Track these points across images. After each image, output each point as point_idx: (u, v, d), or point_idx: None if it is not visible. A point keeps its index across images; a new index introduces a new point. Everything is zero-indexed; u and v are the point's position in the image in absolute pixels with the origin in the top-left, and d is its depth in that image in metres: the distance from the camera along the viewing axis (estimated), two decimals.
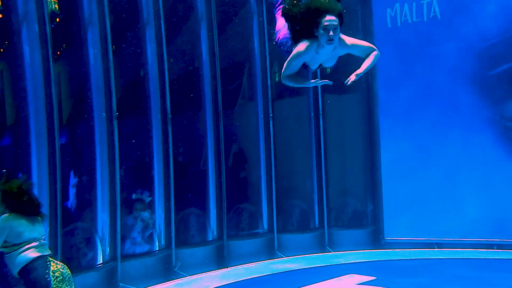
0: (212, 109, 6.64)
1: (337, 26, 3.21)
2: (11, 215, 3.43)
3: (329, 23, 3.18)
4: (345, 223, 7.38)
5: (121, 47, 6.01)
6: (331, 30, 3.19)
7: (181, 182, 6.41)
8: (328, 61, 3.47)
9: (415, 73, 6.97)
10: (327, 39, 3.22)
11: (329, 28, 3.19)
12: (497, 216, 6.62)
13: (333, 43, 3.27)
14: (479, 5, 6.63)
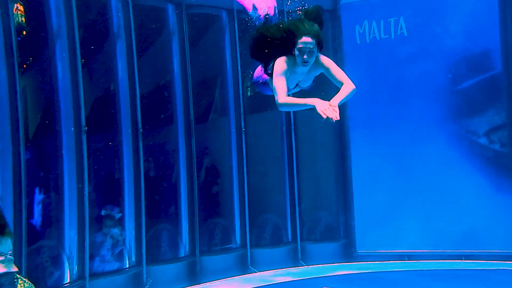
0: (184, 123, 6.52)
1: (312, 49, 3.11)
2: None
3: (303, 46, 3.10)
4: (318, 236, 7.33)
5: (91, 61, 5.86)
6: (306, 53, 3.11)
7: (152, 197, 6.24)
8: (304, 81, 3.38)
9: (384, 88, 7.05)
10: (302, 61, 3.14)
11: (304, 50, 3.11)
12: (464, 227, 6.70)
13: (307, 65, 3.18)
14: (442, 25, 6.79)
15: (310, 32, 3.13)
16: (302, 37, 3.12)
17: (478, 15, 6.68)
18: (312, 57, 3.15)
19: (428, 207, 6.81)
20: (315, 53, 3.16)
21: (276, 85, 3.12)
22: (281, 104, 3.08)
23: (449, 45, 6.78)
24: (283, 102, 3.07)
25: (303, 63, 3.15)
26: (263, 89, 3.66)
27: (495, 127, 6.69)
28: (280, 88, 3.12)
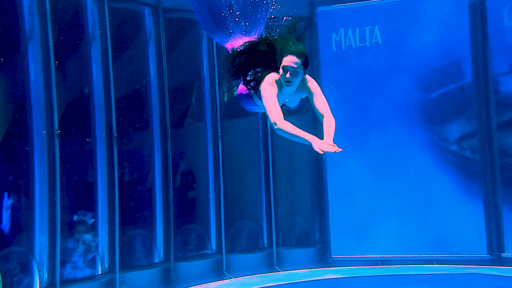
0: (159, 127, 6.42)
1: (296, 69, 2.97)
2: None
3: (288, 65, 2.98)
4: (293, 242, 7.31)
5: (65, 63, 5.72)
6: (290, 72, 2.98)
7: (126, 202, 6.11)
8: (291, 101, 3.24)
9: (359, 95, 7.11)
10: (285, 80, 3.02)
11: (288, 69, 2.98)
12: (436, 233, 6.79)
13: (290, 85, 3.03)
14: (415, 35, 6.88)
15: (296, 52, 2.99)
16: (287, 55, 2.99)
17: (450, 26, 6.81)
18: (296, 77, 3.01)
19: (401, 213, 6.87)
20: (300, 74, 3.02)
21: (270, 109, 2.97)
22: (278, 129, 2.93)
23: (422, 54, 6.88)
24: (281, 128, 2.91)
25: (286, 82, 3.02)
26: (249, 106, 3.51)
27: (466, 135, 6.82)
28: (275, 109, 2.96)
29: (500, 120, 6.62)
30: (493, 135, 6.65)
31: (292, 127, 2.90)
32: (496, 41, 6.59)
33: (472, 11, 6.71)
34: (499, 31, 6.54)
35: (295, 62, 2.98)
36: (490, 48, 6.64)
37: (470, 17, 6.72)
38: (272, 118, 2.94)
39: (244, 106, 3.60)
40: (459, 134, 6.82)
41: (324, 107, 3.08)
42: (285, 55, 2.99)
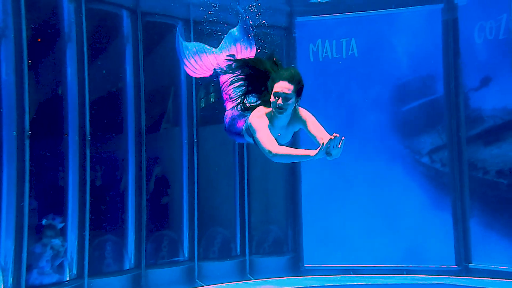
0: (134, 131, 6.30)
1: (288, 96, 2.83)
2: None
3: (280, 91, 2.83)
4: (266, 250, 7.25)
5: (39, 63, 5.55)
6: (282, 98, 2.83)
7: (98, 207, 5.94)
8: (283, 136, 3.07)
9: (335, 106, 7.15)
10: (275, 106, 2.85)
11: (279, 95, 2.83)
12: (407, 243, 6.85)
13: (282, 112, 2.87)
14: (389, 49, 6.99)
15: (288, 77, 2.85)
16: (280, 81, 2.85)
17: (423, 41, 6.95)
18: (288, 105, 2.85)
19: (373, 223, 6.91)
20: (293, 101, 2.86)
21: (263, 139, 2.80)
22: (274, 155, 2.74)
23: (396, 68, 6.99)
24: (277, 153, 2.73)
25: (278, 109, 2.85)
26: (237, 138, 3.36)
27: (437, 148, 6.94)
28: (268, 139, 2.79)
29: (469, 134, 6.76)
30: (463, 148, 6.78)
31: (287, 149, 2.75)
32: (467, 57, 6.74)
33: (445, 27, 6.87)
34: (470, 47, 6.70)
35: (287, 88, 2.84)
36: (462, 64, 6.79)
37: (443, 33, 6.87)
38: (266, 147, 2.77)
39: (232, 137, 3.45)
40: (431, 147, 6.94)
41: (322, 131, 2.91)
42: (277, 81, 2.86)
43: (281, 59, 7.22)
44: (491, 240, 6.49)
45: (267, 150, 2.77)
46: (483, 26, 6.54)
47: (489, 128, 6.58)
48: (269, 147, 2.77)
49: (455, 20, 6.82)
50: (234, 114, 3.28)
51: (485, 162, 6.58)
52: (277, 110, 2.88)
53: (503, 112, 6.41)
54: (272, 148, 2.76)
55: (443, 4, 6.87)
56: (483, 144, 6.61)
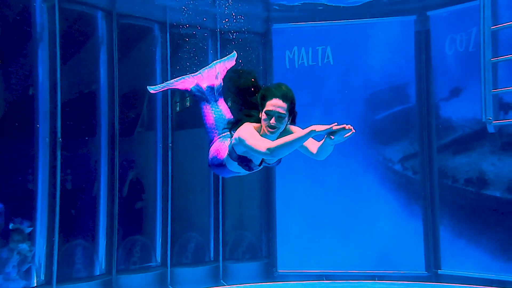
0: (107, 135, 6.14)
1: (282, 114, 2.66)
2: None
3: (272, 110, 2.65)
4: (240, 256, 7.17)
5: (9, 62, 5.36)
6: (275, 118, 2.65)
7: (68, 211, 5.75)
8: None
9: (309, 113, 7.15)
10: (267, 125, 2.67)
11: (272, 114, 2.65)
12: (378, 249, 6.89)
13: (274, 132, 2.68)
14: (363, 58, 7.05)
15: (283, 95, 2.67)
16: (273, 99, 2.66)
17: (396, 51, 7.03)
18: (281, 124, 2.67)
19: (346, 229, 6.92)
20: (286, 121, 2.69)
21: (253, 141, 2.58)
22: (273, 150, 2.50)
23: (370, 77, 7.05)
24: (274, 147, 2.50)
25: (270, 129, 2.66)
26: (221, 171, 3.12)
27: (409, 156, 7.01)
28: (261, 139, 2.58)
29: (440, 143, 6.85)
30: (433, 156, 6.87)
31: (283, 138, 2.54)
32: (438, 68, 6.86)
33: (417, 39, 6.97)
34: (441, 59, 6.82)
35: (282, 107, 2.66)
36: (433, 75, 6.90)
37: (415, 44, 6.97)
38: (262, 147, 2.54)
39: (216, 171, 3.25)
40: (402, 155, 7.01)
41: (314, 142, 2.77)
42: (269, 99, 2.67)
43: (257, 65, 7.25)
44: (460, 247, 6.58)
45: (264, 149, 2.54)
46: (454, 38, 6.66)
47: (459, 138, 6.69)
48: (265, 145, 2.54)
49: (427, 32, 6.94)
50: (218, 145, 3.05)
51: (454, 171, 6.68)
52: (269, 130, 2.68)
53: (472, 122, 6.53)
54: (268, 144, 2.54)
55: (416, 16, 6.97)
56: (452, 153, 6.71)
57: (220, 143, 3.08)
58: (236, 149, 2.82)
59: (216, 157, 3.02)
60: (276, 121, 2.67)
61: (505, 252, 6.21)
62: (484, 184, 6.37)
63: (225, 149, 2.97)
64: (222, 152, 2.98)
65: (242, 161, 2.84)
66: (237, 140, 2.74)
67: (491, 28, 5.61)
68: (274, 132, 2.70)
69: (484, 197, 6.37)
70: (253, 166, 2.86)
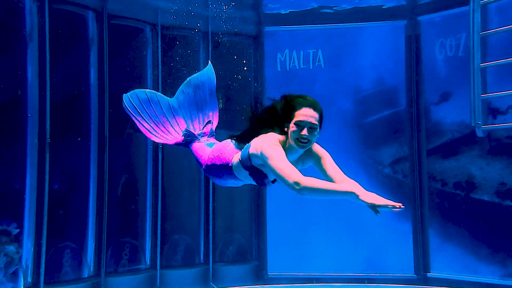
0: (97, 136, 6.07)
1: (314, 125, 2.43)
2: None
3: (304, 120, 2.40)
4: (230, 258, 7.12)
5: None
6: (307, 129, 2.40)
7: (56, 212, 5.67)
8: None
9: None
10: (298, 137, 2.40)
11: (304, 125, 2.40)
12: (368, 252, 6.89)
13: (305, 146, 2.43)
14: (354, 62, 7.04)
15: (313, 104, 2.44)
16: (303, 108, 2.42)
17: (387, 55, 7.05)
18: (313, 136, 2.43)
19: (336, 232, 6.91)
20: (317, 134, 2.46)
21: (285, 169, 2.27)
22: (303, 188, 2.22)
23: (361, 80, 7.07)
24: (306, 185, 2.21)
25: (301, 142, 2.39)
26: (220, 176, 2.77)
27: (398, 159, 7.02)
28: (291, 168, 2.27)
29: (429, 146, 6.87)
30: (423, 160, 6.88)
31: (320, 182, 2.27)
32: (429, 72, 6.88)
33: (408, 43, 6.99)
34: (432, 63, 6.85)
35: (313, 117, 2.42)
36: (423, 79, 6.92)
37: (405, 48, 6.99)
38: (291, 178, 2.24)
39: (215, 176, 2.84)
40: (392, 158, 7.02)
41: (339, 172, 2.50)
42: (299, 108, 2.42)
43: (249, 67, 7.22)
44: (449, 250, 6.59)
45: (293, 181, 2.24)
46: (444, 43, 6.69)
47: (448, 141, 6.71)
48: (296, 178, 2.23)
49: (417, 36, 6.96)
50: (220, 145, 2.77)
51: (443, 174, 6.70)
52: (299, 143, 2.42)
53: (461, 126, 6.56)
54: (300, 179, 2.23)
55: (407, 21, 7.00)
56: (442, 157, 6.73)
57: (223, 144, 2.79)
58: (253, 160, 2.52)
59: (219, 157, 2.70)
60: (309, 132, 2.42)
61: (492, 255, 6.23)
62: (473, 188, 6.39)
63: (233, 151, 2.69)
64: (228, 153, 2.68)
65: (255, 173, 2.54)
66: (258, 154, 2.44)
67: (481, 34, 5.63)
68: (305, 146, 2.44)
69: (472, 201, 6.40)
70: (267, 181, 2.59)
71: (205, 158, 2.90)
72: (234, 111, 6.99)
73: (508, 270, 6.13)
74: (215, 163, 2.76)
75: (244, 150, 2.59)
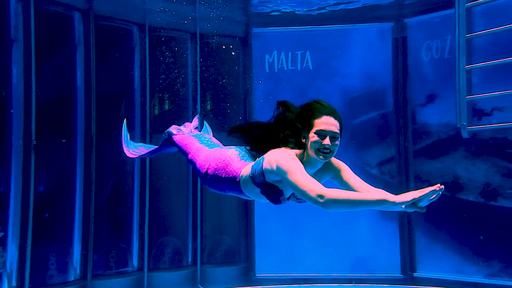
0: (84, 137, 5.99)
1: (336, 136, 2.25)
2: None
3: (326, 128, 2.22)
4: (218, 260, 7.08)
5: None
6: (329, 138, 2.22)
7: (42, 215, 5.58)
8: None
9: None
10: (319, 148, 2.21)
11: (326, 134, 2.22)
12: (355, 253, 6.90)
13: (329, 156, 2.25)
14: (342, 64, 7.06)
15: (333, 112, 2.27)
16: (323, 116, 2.25)
17: (374, 57, 7.08)
18: (335, 146, 2.25)
19: (324, 233, 6.91)
20: (339, 144, 2.26)
21: (306, 183, 2.10)
22: (328, 201, 2.02)
23: (348, 82, 7.08)
24: (331, 198, 2.02)
25: (322, 153, 2.21)
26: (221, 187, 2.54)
27: (386, 160, 7.06)
28: (313, 181, 2.10)
29: (416, 147, 6.92)
30: (410, 161, 6.93)
31: (346, 193, 2.06)
32: (415, 74, 6.92)
33: (395, 45, 7.03)
34: (418, 65, 6.89)
35: (335, 125, 2.25)
36: (410, 80, 6.96)
37: (392, 50, 7.03)
38: (313, 191, 2.07)
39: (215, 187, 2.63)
40: (380, 159, 7.05)
41: (362, 182, 2.36)
42: (318, 116, 2.26)
43: (237, 68, 7.19)
44: (435, 250, 6.64)
45: (314, 195, 2.06)
46: (430, 45, 6.74)
47: (434, 143, 6.76)
48: (320, 191, 2.06)
49: (404, 39, 7.00)
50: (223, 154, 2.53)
51: (430, 175, 6.75)
52: (321, 154, 2.23)
53: (447, 128, 6.61)
54: (324, 191, 2.05)
55: (394, 23, 7.03)
56: (428, 158, 6.78)
57: (228, 153, 2.53)
58: (268, 176, 2.31)
59: (224, 169, 2.46)
60: (331, 142, 2.24)
61: (477, 255, 6.30)
62: (459, 189, 6.45)
63: (241, 164, 2.45)
64: (235, 166, 2.45)
65: (269, 190, 2.34)
66: (273, 169, 2.24)
67: (466, 36, 5.68)
68: (327, 157, 2.26)
69: (458, 201, 6.45)
70: (282, 199, 2.40)
71: (203, 162, 2.64)
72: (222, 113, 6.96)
73: (493, 269, 6.20)
74: (218, 174, 2.54)
75: (256, 165, 2.38)
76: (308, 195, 2.11)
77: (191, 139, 2.90)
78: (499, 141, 6.17)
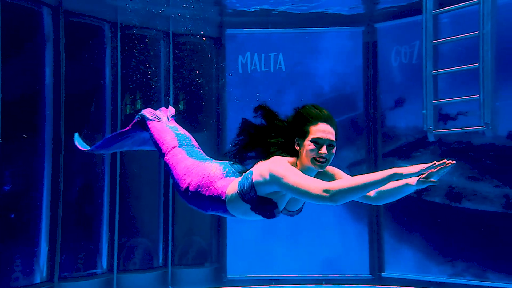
0: (52, 136, 5.83)
1: (333, 144, 2.17)
2: None
3: (323, 136, 2.13)
4: (189, 261, 7.02)
5: None
6: (326, 147, 2.14)
7: (6, 215, 5.40)
8: (295, 202, 2.34)
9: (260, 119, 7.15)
10: (316, 156, 2.12)
11: (322, 142, 2.13)
12: (325, 253, 6.98)
13: (324, 166, 2.16)
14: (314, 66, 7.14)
15: (329, 118, 2.16)
16: (319, 123, 2.14)
17: (345, 61, 7.18)
18: (331, 154, 2.17)
19: (294, 234, 6.96)
20: (334, 152, 2.18)
21: (301, 180, 2.01)
22: (334, 192, 1.92)
23: (320, 84, 7.16)
24: (337, 189, 1.93)
25: (319, 161, 2.12)
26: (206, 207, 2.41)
27: (356, 162, 7.16)
28: (312, 179, 2.01)
29: (385, 150, 7.05)
30: (379, 163, 7.05)
31: (349, 180, 1.97)
32: (384, 78, 7.06)
33: (365, 49, 7.15)
34: (388, 69, 7.03)
35: (331, 133, 2.16)
36: (379, 84, 7.10)
37: (363, 55, 7.15)
38: (317, 188, 1.96)
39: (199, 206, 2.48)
40: (350, 161, 7.14)
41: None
42: (314, 123, 2.15)
43: (210, 69, 7.16)
44: (402, 251, 6.78)
45: (319, 191, 1.95)
46: (399, 50, 6.88)
47: (403, 145, 6.90)
48: (322, 186, 1.96)
49: (374, 43, 7.13)
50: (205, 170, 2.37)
51: None
52: (317, 163, 2.13)
53: (414, 131, 6.76)
54: (325, 185, 1.95)
55: (364, 27, 7.15)
56: (397, 160, 6.92)
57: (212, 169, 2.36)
58: (260, 189, 2.17)
59: (208, 187, 2.31)
60: (328, 150, 2.15)
61: (441, 255, 6.47)
62: (425, 191, 6.60)
63: (226, 180, 2.29)
64: (220, 183, 2.29)
65: (261, 204, 2.18)
66: (266, 179, 2.11)
67: (433, 42, 5.83)
68: (323, 166, 2.16)
69: (425, 203, 6.61)
70: (276, 212, 2.25)
71: (183, 175, 2.46)
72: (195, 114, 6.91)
73: (456, 269, 6.38)
74: (202, 192, 2.38)
75: (244, 181, 2.24)
76: (312, 194, 2.00)
77: (169, 134, 2.74)
78: (463, 145, 6.36)
